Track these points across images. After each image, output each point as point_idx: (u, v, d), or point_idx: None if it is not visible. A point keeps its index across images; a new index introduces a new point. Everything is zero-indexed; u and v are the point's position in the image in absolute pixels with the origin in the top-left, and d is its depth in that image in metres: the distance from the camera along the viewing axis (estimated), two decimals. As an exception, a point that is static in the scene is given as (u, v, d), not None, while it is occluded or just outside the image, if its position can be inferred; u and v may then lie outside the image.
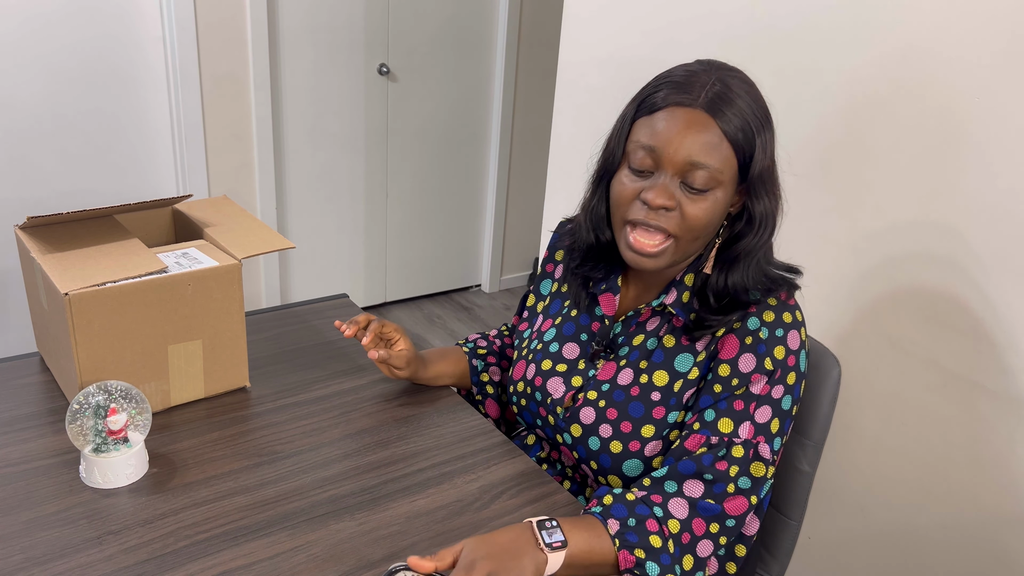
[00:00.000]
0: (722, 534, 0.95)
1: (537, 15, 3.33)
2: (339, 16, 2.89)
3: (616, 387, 1.05)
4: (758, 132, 0.94)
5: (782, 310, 0.99)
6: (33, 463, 1.07)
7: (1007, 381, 1.27)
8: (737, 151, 0.94)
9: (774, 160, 0.99)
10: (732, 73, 0.97)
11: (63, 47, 2.45)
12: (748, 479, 0.96)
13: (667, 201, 0.94)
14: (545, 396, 1.11)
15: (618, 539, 0.90)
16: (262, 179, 2.89)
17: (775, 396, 0.97)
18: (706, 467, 0.95)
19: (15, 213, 2.49)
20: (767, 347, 0.97)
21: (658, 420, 1.01)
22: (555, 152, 2.08)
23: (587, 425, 1.05)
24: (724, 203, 0.96)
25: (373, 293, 3.44)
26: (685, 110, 0.93)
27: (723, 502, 0.95)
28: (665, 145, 0.93)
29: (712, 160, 0.93)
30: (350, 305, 1.60)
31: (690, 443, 0.97)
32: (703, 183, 0.93)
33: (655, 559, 0.90)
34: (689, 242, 0.98)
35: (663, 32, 1.70)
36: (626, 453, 1.02)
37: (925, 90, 1.29)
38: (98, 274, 1.11)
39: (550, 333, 1.15)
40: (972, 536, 1.35)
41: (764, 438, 0.97)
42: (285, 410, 1.24)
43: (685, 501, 0.94)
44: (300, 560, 0.93)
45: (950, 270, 1.30)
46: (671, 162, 0.94)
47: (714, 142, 0.92)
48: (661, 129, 0.94)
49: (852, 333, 1.46)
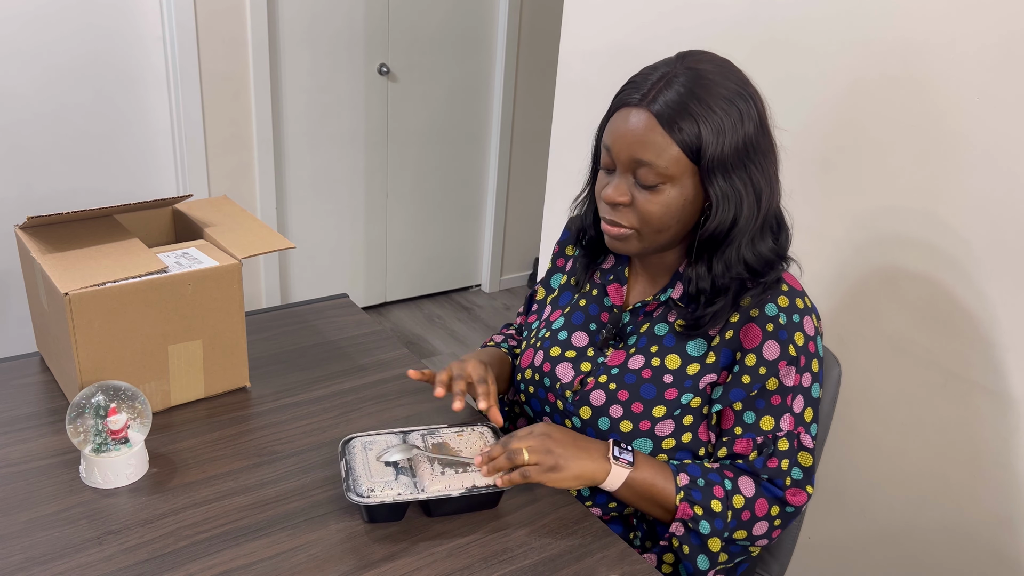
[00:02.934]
0: (779, 517, 1.01)
1: (537, 15, 3.33)
2: (339, 16, 2.89)
3: (627, 371, 1.06)
4: (705, 120, 0.93)
5: (794, 295, 1.01)
6: (33, 463, 1.07)
7: (1007, 381, 1.27)
8: (682, 145, 0.94)
9: (749, 141, 0.96)
10: (701, 60, 0.97)
11: (63, 47, 2.45)
12: (800, 470, 1.01)
13: (619, 197, 0.98)
14: (554, 381, 1.12)
15: (683, 491, 0.98)
16: (262, 179, 2.89)
17: (805, 385, 1.01)
18: (759, 469, 1.00)
19: (15, 213, 2.49)
20: (788, 332, 0.99)
21: (670, 400, 1.03)
22: (555, 152, 2.08)
23: (597, 407, 1.06)
24: (681, 196, 0.97)
25: (373, 293, 3.44)
26: (630, 110, 0.97)
27: (786, 494, 1.01)
28: (613, 143, 0.98)
29: (654, 157, 0.95)
30: (350, 305, 1.60)
31: (739, 447, 1.01)
32: (650, 179, 0.96)
33: (710, 520, 0.98)
34: (652, 234, 1.00)
35: (663, 32, 1.70)
36: (636, 432, 1.04)
37: (925, 91, 1.29)
38: (98, 274, 1.11)
39: (559, 322, 1.17)
40: (972, 536, 1.35)
41: (804, 428, 1.01)
42: (285, 410, 1.24)
43: (752, 481, 1.00)
44: (300, 560, 0.93)
45: (950, 270, 1.30)
46: (619, 160, 0.98)
47: (656, 140, 0.94)
48: (613, 129, 0.98)
49: (852, 333, 1.46)
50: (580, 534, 1.01)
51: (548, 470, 0.97)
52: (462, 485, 0.99)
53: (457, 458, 1.02)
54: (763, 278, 1.00)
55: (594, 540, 1.00)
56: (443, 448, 1.05)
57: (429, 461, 1.02)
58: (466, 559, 0.95)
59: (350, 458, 1.03)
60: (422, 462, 1.02)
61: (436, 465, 1.01)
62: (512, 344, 1.31)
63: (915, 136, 1.31)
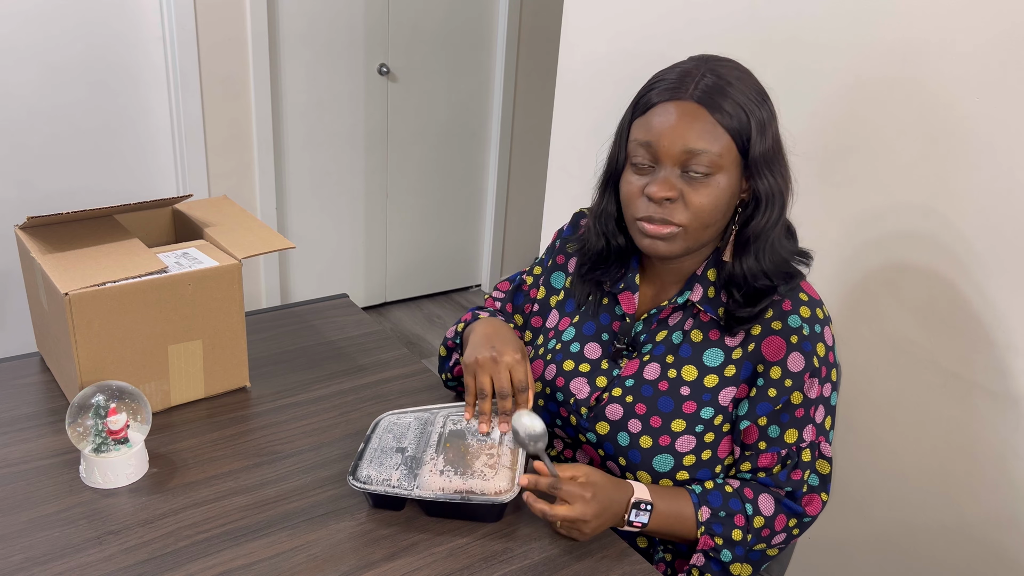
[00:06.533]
0: (797, 527, 1.03)
1: (537, 15, 3.33)
2: (339, 16, 2.89)
3: (643, 382, 1.05)
4: (752, 114, 0.96)
5: (814, 306, 1.02)
6: (33, 463, 1.07)
7: (1007, 381, 1.27)
8: (733, 135, 0.95)
9: (777, 140, 1.00)
10: (723, 63, 0.99)
11: (63, 47, 2.45)
12: (817, 476, 1.03)
13: (669, 192, 0.96)
14: (568, 397, 1.10)
15: (704, 526, 0.99)
16: (262, 179, 2.89)
17: (826, 395, 1.02)
18: (783, 482, 1.02)
19: (15, 213, 2.49)
20: (811, 344, 1.00)
21: (689, 415, 1.02)
22: (555, 152, 2.08)
23: (614, 422, 1.05)
24: (728, 188, 0.97)
25: (373, 293, 3.44)
26: (677, 103, 0.96)
27: (803, 504, 1.02)
28: (660, 138, 0.96)
29: (708, 145, 0.95)
30: (350, 305, 1.60)
31: (764, 462, 1.02)
32: (703, 168, 0.95)
33: (731, 549, 1.00)
34: (699, 230, 0.98)
35: (664, 31, 1.70)
36: (656, 448, 1.03)
37: (926, 90, 1.29)
38: (98, 274, 1.11)
39: (569, 332, 1.14)
40: (972, 536, 1.35)
41: (824, 437, 1.03)
42: (285, 410, 1.24)
43: (772, 498, 1.01)
44: (300, 560, 0.93)
45: (950, 270, 1.30)
46: (668, 154, 0.96)
47: (708, 128, 0.95)
48: (656, 124, 0.97)
49: (852, 333, 1.46)
50: (580, 534, 1.01)
51: (570, 531, 0.97)
52: (455, 490, 0.98)
53: (465, 455, 1.02)
54: (791, 277, 1.01)
55: (594, 540, 1.00)
56: (458, 442, 1.04)
57: (436, 453, 1.02)
58: (466, 559, 0.95)
59: (372, 438, 1.06)
60: (428, 452, 1.02)
61: (441, 460, 1.01)
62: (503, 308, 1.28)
63: (915, 135, 1.31)
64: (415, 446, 1.04)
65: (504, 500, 0.97)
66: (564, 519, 0.94)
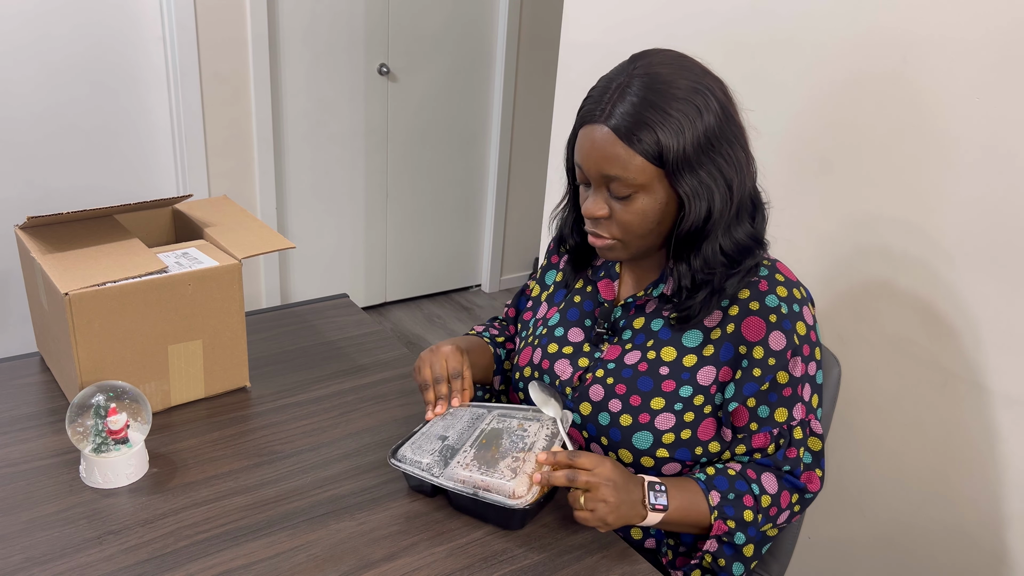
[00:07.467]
0: (799, 503, 1.05)
1: (537, 15, 3.33)
2: (339, 16, 2.89)
3: (623, 366, 1.07)
4: (662, 125, 0.94)
5: (791, 286, 1.03)
6: (33, 463, 1.07)
7: (1007, 381, 1.27)
8: (644, 154, 0.95)
9: (710, 131, 0.96)
10: (647, 65, 0.97)
11: (63, 47, 2.45)
12: (810, 453, 1.04)
13: (598, 212, 1.00)
14: (553, 379, 1.13)
15: (716, 510, 0.99)
16: (262, 179, 2.89)
17: (811, 373, 1.03)
18: (780, 461, 1.04)
19: (15, 213, 2.49)
20: (791, 322, 1.01)
21: (668, 393, 1.03)
22: (555, 152, 2.08)
23: (596, 402, 1.07)
24: (654, 202, 0.98)
25: (373, 293, 3.44)
26: (592, 127, 0.98)
27: (803, 481, 1.04)
28: (584, 162, 0.99)
29: (622, 171, 0.96)
30: (350, 305, 1.60)
31: (758, 442, 1.03)
32: (624, 190, 0.97)
33: (744, 531, 1.01)
34: (635, 240, 1.01)
35: (664, 31, 1.70)
36: (636, 426, 1.04)
37: (924, 89, 1.29)
38: (98, 274, 1.11)
39: (554, 319, 1.18)
40: (972, 536, 1.35)
41: (813, 415, 1.05)
42: (285, 410, 1.24)
43: (774, 476, 1.03)
44: (300, 560, 0.93)
45: (950, 270, 1.30)
46: (591, 177, 1.00)
47: (620, 154, 0.95)
48: (580, 148, 1.00)
49: (852, 333, 1.46)
50: (580, 534, 1.01)
51: (590, 517, 0.96)
52: (474, 485, 0.98)
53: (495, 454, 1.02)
54: (741, 266, 1.00)
55: (594, 540, 1.00)
56: (493, 440, 1.04)
57: (471, 447, 1.03)
58: (466, 559, 0.95)
59: (429, 424, 1.09)
60: (465, 445, 1.04)
61: (472, 454, 1.02)
62: (494, 333, 1.31)
63: (914, 134, 1.31)
64: (457, 437, 1.05)
65: (514, 505, 0.96)
66: (587, 483, 0.94)
